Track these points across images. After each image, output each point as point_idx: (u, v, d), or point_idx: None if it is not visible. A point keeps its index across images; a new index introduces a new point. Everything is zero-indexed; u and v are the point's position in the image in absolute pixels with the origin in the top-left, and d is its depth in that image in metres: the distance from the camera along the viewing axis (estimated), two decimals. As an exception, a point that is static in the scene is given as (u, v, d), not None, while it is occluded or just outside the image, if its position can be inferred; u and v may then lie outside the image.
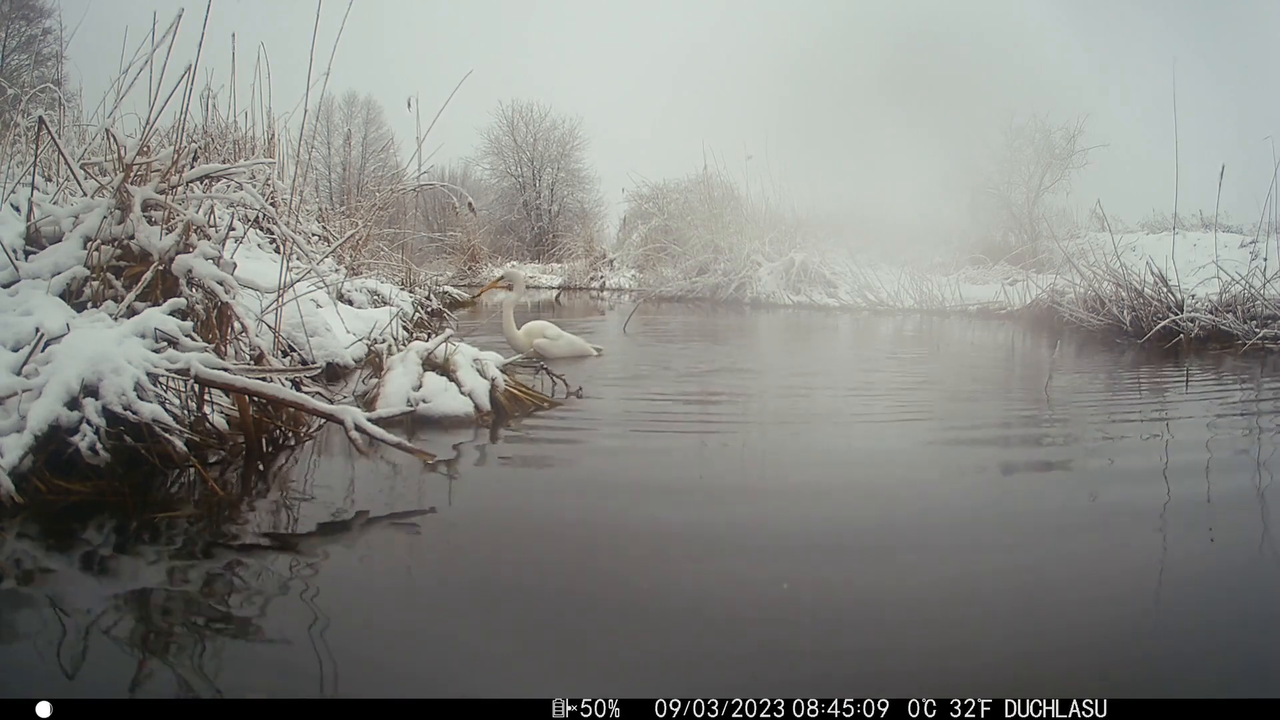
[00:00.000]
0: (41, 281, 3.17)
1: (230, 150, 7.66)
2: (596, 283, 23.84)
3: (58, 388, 2.56)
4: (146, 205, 3.40)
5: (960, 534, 2.47)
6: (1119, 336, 9.42)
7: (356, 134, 35.02)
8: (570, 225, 33.83)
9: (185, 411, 2.96)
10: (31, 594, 1.92)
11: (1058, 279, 11.84)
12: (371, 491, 2.80)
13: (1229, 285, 9.13)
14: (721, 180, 21.53)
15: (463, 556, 2.24)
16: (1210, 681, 1.63)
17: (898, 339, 10.13)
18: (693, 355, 7.27)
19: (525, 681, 1.57)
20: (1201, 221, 17.04)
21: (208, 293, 3.32)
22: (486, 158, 39.15)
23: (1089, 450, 3.75)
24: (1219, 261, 9.26)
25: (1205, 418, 4.63)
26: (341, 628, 1.75)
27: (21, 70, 19.78)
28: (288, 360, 4.46)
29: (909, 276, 15.40)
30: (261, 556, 2.17)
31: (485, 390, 3.95)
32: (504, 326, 5.95)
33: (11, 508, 2.33)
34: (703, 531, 2.45)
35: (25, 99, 6.10)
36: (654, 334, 9.91)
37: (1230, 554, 2.34)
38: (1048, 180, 21.69)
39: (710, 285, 18.66)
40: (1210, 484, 3.10)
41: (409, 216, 13.01)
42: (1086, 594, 2.03)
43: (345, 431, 2.85)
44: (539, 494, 2.88)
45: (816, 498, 2.84)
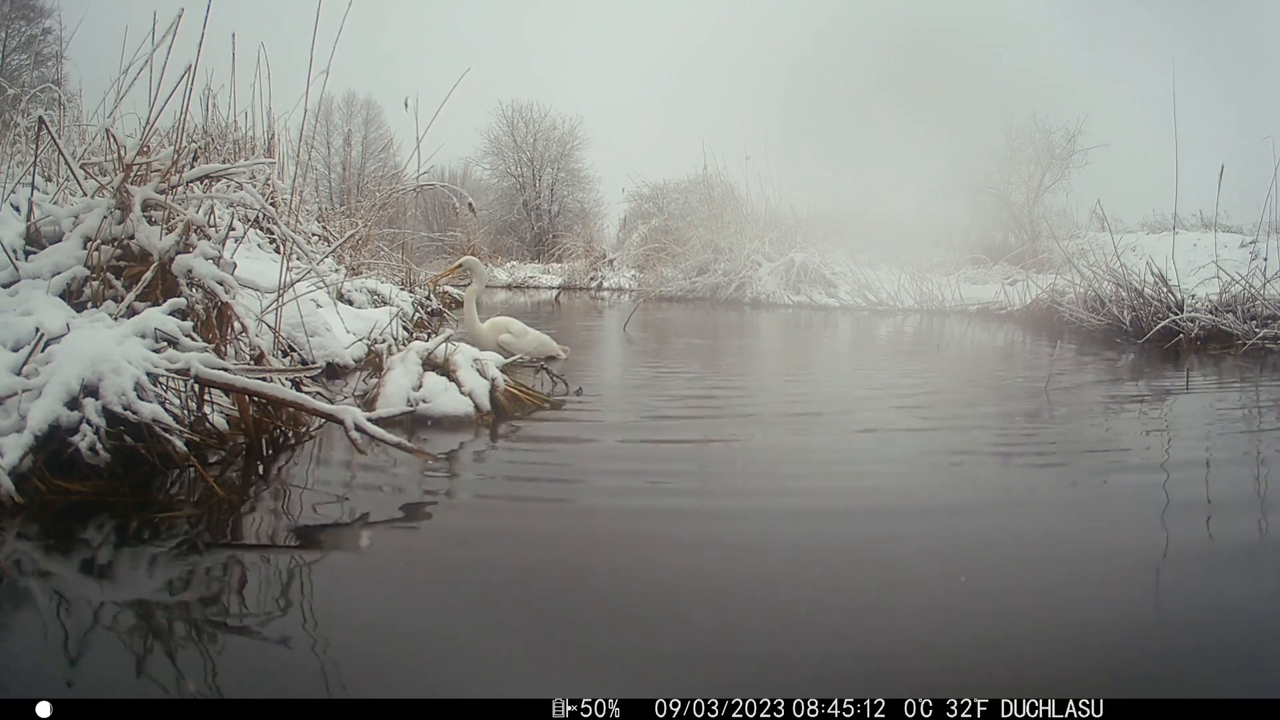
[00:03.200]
0: (41, 281, 3.17)
1: (230, 150, 7.67)
2: (596, 283, 23.85)
3: (58, 388, 2.56)
4: (146, 205, 3.40)
5: (959, 534, 2.47)
6: (1119, 336, 9.42)
7: (356, 134, 35.04)
8: (570, 225, 33.84)
9: (185, 411, 2.96)
10: (31, 594, 1.92)
11: (1058, 279, 11.85)
12: (371, 491, 2.81)
13: (1229, 285, 9.13)
14: (721, 180, 21.56)
15: (462, 556, 2.24)
16: (1208, 681, 1.63)
17: (897, 339, 10.13)
18: (693, 356, 7.27)
19: (525, 681, 1.57)
20: (1201, 221, 17.04)
21: (208, 293, 3.32)
22: (486, 158, 39.19)
23: (1088, 450, 3.76)
24: (1219, 261, 9.26)
25: (1205, 418, 4.63)
26: (341, 628, 1.75)
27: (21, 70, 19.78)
28: (288, 360, 4.46)
29: (909, 276, 15.41)
30: (261, 556, 2.17)
31: (485, 390, 3.95)
32: (466, 320, 5.44)
33: (11, 508, 2.34)
34: (703, 532, 2.45)
35: (25, 99, 6.11)
36: (654, 334, 9.91)
37: (1230, 554, 2.34)
38: (1048, 180, 21.71)
39: (710, 285, 18.67)
40: (1210, 484, 3.10)
41: (409, 216, 13.01)
42: (1084, 594, 2.03)
43: (345, 431, 2.85)
44: (539, 494, 2.88)
45: (816, 497, 2.84)
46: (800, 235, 18.95)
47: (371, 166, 33.01)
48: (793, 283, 17.41)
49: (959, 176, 22.12)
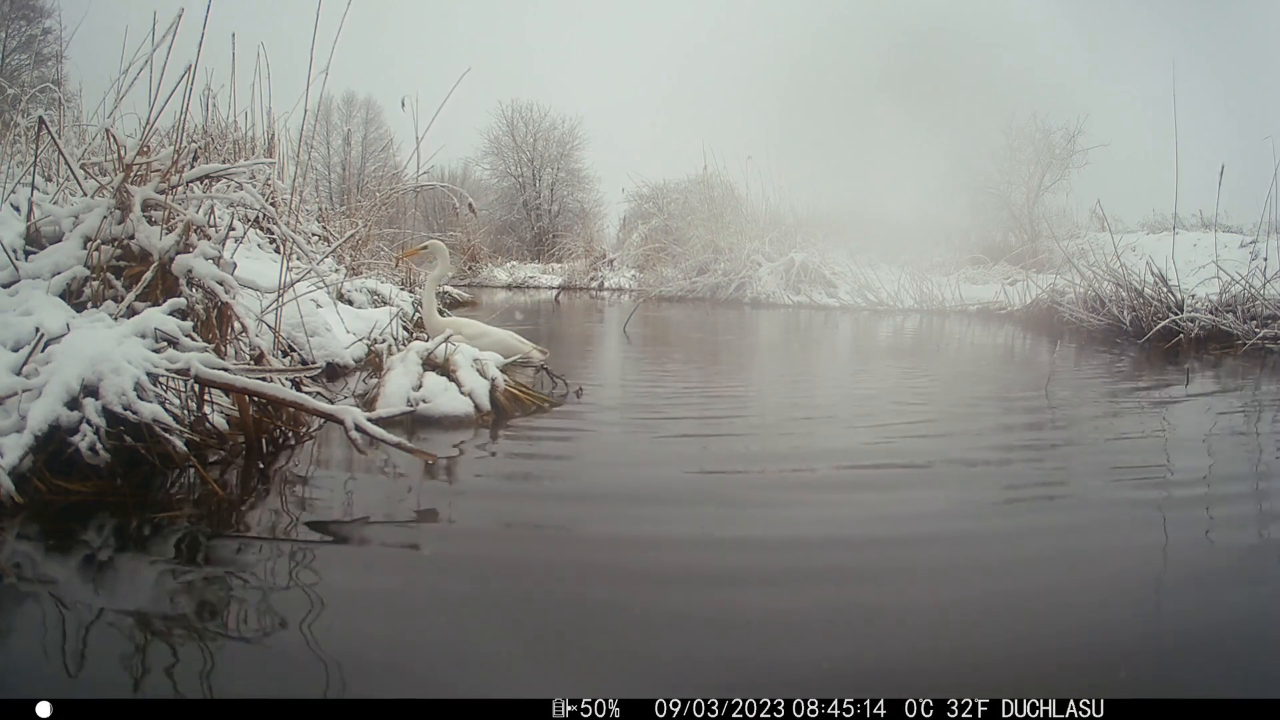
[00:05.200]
0: (42, 281, 3.17)
1: (230, 150, 7.67)
2: (596, 283, 23.85)
3: (58, 388, 2.56)
4: (146, 205, 3.40)
5: (958, 534, 2.47)
6: (1119, 336, 9.42)
7: (356, 134, 35.05)
8: (570, 225, 33.85)
9: (185, 411, 2.96)
10: (31, 594, 1.92)
11: (1058, 279, 11.86)
12: (371, 491, 2.80)
13: (1229, 285, 9.14)
14: (721, 180, 21.57)
15: (462, 556, 2.24)
16: (1209, 681, 1.63)
17: (897, 339, 10.13)
18: (693, 356, 7.27)
19: (525, 681, 1.57)
20: (1201, 221, 17.05)
21: (208, 293, 3.32)
22: (486, 158, 39.19)
23: (1088, 450, 3.75)
24: (1219, 261, 9.27)
25: (1205, 418, 4.63)
26: (341, 627, 1.75)
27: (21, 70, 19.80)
28: (288, 360, 4.46)
29: (909, 276, 15.42)
30: (261, 556, 2.17)
31: (485, 390, 3.95)
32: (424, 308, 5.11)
33: (11, 508, 2.34)
34: (703, 532, 2.45)
35: (25, 99, 6.12)
36: (654, 335, 9.91)
37: (1230, 554, 2.34)
38: (1048, 180, 21.73)
39: (710, 285, 18.68)
40: (1210, 484, 3.10)
41: (409, 216, 13.01)
42: (1084, 594, 2.03)
43: (345, 431, 2.85)
44: (539, 494, 2.88)
45: (816, 497, 2.84)
46: (800, 235, 18.96)
47: (371, 166, 33.00)
48: (793, 283, 17.42)
49: (959, 176, 22.15)
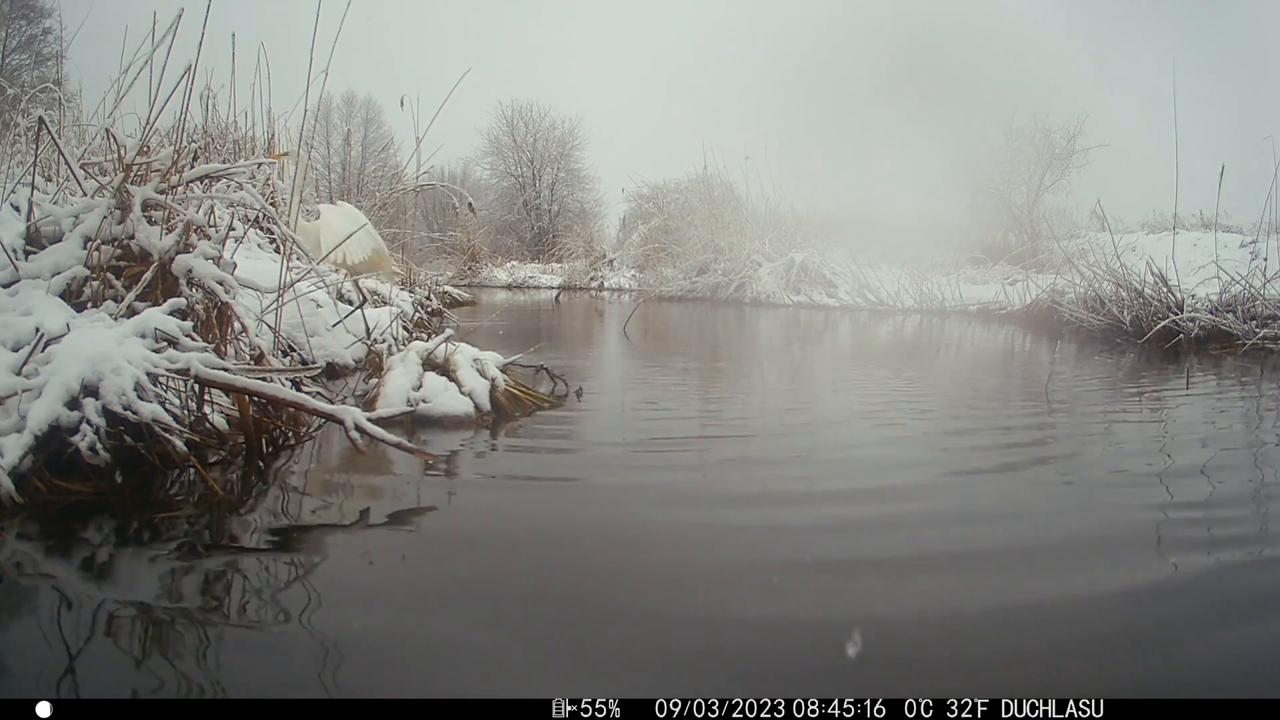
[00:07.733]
0: (41, 281, 3.17)
1: (230, 150, 7.68)
2: (596, 283, 23.85)
3: (58, 388, 2.56)
4: (146, 205, 3.40)
5: (958, 534, 2.47)
6: (1119, 336, 9.42)
7: (356, 134, 35.05)
8: (570, 225, 33.86)
9: (185, 411, 2.96)
10: (31, 594, 1.92)
11: (1058, 279, 11.86)
12: (371, 491, 2.80)
13: (1229, 285, 9.14)
14: (721, 180, 21.57)
15: (462, 556, 2.24)
16: (1209, 682, 1.63)
17: (897, 339, 10.13)
18: (693, 356, 7.27)
19: (525, 681, 1.57)
20: (1201, 221, 17.06)
21: (208, 293, 3.32)
22: (486, 158, 39.22)
23: (1088, 450, 3.75)
24: (1219, 261, 9.27)
25: (1205, 418, 4.63)
26: (341, 627, 1.75)
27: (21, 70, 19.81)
28: (288, 360, 4.46)
29: (909, 276, 15.42)
30: (261, 556, 2.17)
31: (485, 390, 3.95)
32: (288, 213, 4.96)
33: (11, 508, 2.33)
34: (703, 532, 2.45)
35: (25, 99, 6.12)
36: (654, 335, 9.91)
37: (1231, 554, 2.34)
38: (1048, 180, 21.74)
39: (710, 285, 18.69)
40: (1210, 484, 3.10)
41: (409, 216, 13.01)
42: (1084, 594, 2.03)
43: (345, 431, 2.85)
44: (539, 494, 2.88)
45: (816, 499, 2.84)
46: (800, 235, 18.96)
47: (371, 166, 33.01)
48: (793, 283, 17.41)
49: (959, 176, 22.16)
